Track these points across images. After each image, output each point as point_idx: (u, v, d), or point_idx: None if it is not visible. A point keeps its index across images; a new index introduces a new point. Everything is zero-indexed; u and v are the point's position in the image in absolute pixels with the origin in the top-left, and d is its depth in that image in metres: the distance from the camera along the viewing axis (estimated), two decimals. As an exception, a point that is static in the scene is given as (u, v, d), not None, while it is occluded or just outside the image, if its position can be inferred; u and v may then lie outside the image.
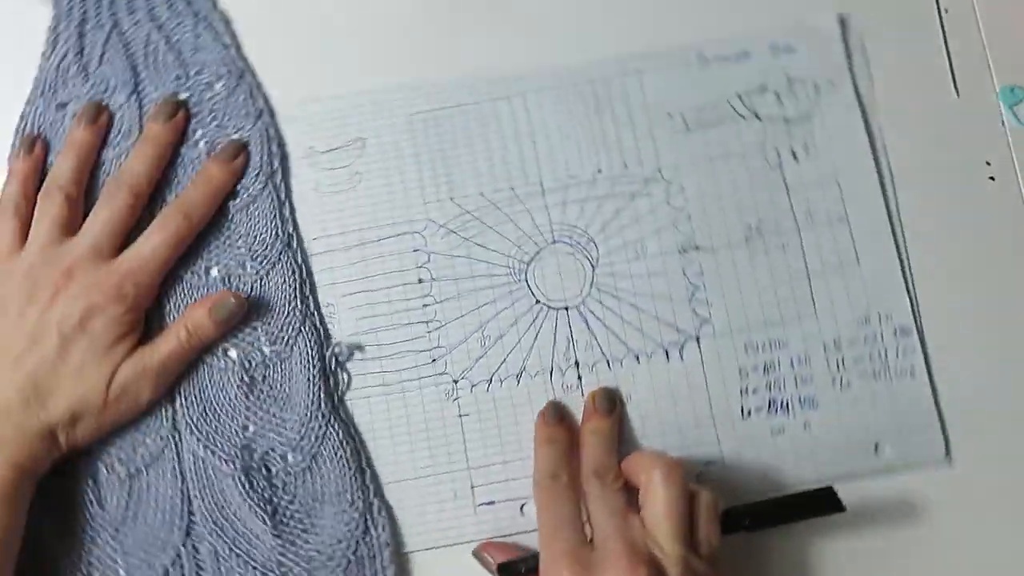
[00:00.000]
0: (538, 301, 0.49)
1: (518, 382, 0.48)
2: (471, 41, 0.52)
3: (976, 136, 0.50)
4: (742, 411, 0.47)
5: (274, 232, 0.49)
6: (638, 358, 0.48)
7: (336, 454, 0.47)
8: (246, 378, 0.48)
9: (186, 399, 0.47)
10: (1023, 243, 0.49)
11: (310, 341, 0.48)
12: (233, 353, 0.48)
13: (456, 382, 0.48)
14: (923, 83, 0.51)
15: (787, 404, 0.47)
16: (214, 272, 0.49)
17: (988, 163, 0.50)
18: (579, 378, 0.48)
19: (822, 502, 0.43)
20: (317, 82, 0.52)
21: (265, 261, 0.49)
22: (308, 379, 0.48)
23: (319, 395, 0.47)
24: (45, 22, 0.53)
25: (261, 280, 0.49)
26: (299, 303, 0.48)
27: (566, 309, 0.49)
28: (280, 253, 0.49)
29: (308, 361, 0.48)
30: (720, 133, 0.50)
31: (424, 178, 0.50)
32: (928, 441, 0.47)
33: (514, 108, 0.51)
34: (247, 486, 0.46)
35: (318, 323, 0.48)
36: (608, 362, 0.48)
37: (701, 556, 0.40)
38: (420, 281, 0.49)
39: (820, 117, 0.51)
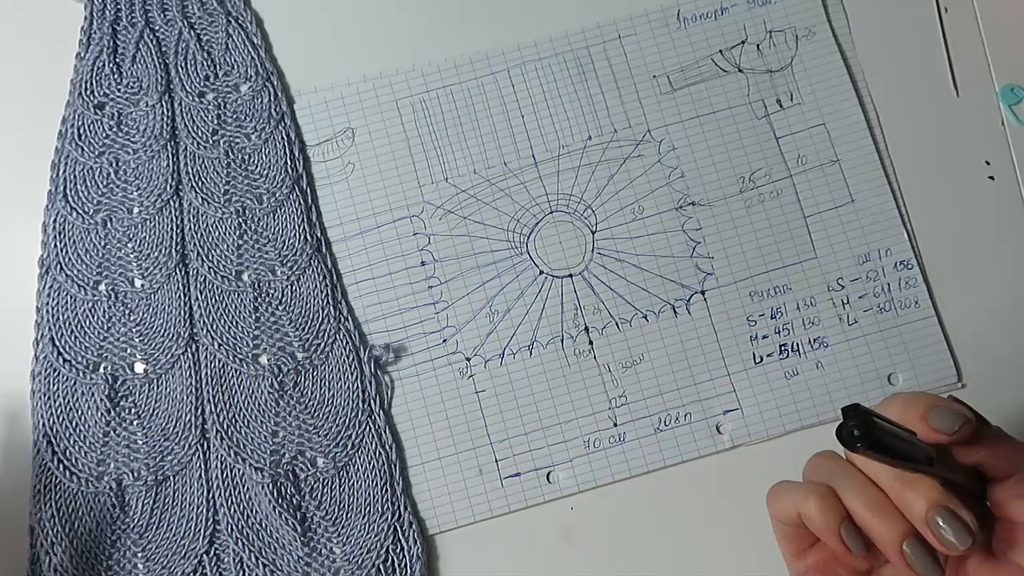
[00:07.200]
0: (542, 271, 0.49)
1: (530, 353, 0.48)
2: (453, 23, 0.53)
3: (976, 136, 0.51)
4: (754, 358, 0.48)
5: (303, 237, 0.49)
6: (646, 317, 0.49)
7: (369, 463, 0.46)
8: (275, 383, 0.47)
9: (216, 406, 0.47)
10: (1023, 242, 0.50)
11: (346, 348, 0.48)
12: (264, 359, 0.48)
13: (469, 359, 0.48)
14: (923, 83, 0.51)
15: (797, 346, 0.48)
16: (245, 276, 0.49)
17: (988, 163, 0.50)
18: (590, 343, 0.48)
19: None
20: (302, 76, 0.52)
21: (295, 266, 0.49)
22: (346, 386, 0.47)
23: (357, 402, 0.47)
24: (78, 22, 0.52)
25: (292, 285, 0.49)
26: (332, 308, 0.48)
27: (570, 276, 0.49)
28: (310, 258, 0.49)
29: (345, 368, 0.48)
30: (705, 89, 0.51)
31: (416, 161, 0.51)
32: (939, 367, 0.48)
33: (499, 84, 0.51)
34: (276, 493, 0.46)
35: (352, 328, 0.48)
36: (617, 324, 0.48)
37: None
38: (423, 264, 0.49)
39: (802, 64, 0.51)
